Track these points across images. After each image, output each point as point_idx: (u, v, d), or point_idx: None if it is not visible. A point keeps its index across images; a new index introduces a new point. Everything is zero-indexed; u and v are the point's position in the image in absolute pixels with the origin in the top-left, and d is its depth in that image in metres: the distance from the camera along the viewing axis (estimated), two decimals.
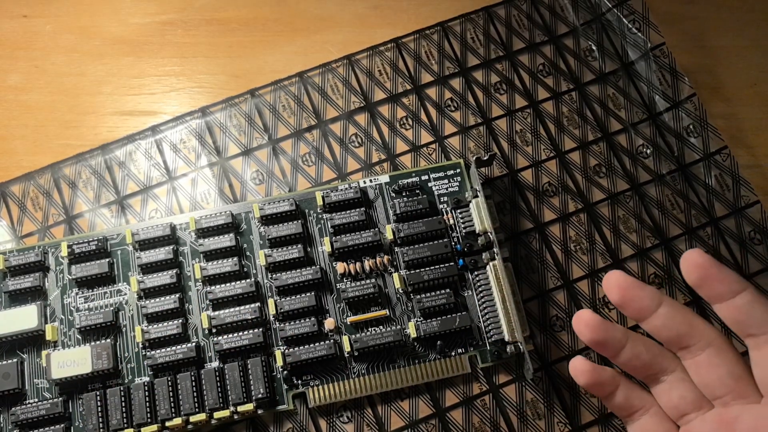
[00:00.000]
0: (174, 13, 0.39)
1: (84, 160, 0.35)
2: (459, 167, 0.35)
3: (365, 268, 0.33)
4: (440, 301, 0.32)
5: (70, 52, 0.38)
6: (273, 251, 0.32)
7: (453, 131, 0.36)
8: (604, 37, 0.38)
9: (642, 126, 0.37)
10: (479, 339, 0.32)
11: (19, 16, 0.38)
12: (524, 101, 0.37)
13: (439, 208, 0.34)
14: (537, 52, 0.38)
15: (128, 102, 0.37)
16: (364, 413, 0.32)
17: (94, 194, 0.35)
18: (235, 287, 0.32)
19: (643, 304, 0.26)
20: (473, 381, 0.32)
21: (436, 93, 0.37)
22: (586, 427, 0.32)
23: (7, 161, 0.36)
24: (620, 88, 0.37)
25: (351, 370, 0.32)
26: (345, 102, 0.37)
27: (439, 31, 0.38)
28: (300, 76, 0.37)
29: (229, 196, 0.35)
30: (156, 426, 0.30)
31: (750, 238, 0.35)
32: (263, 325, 0.32)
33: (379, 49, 0.37)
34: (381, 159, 0.36)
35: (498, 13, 0.38)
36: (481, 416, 0.32)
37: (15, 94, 0.37)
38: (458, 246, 0.33)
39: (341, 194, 0.33)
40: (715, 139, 0.36)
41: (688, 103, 0.37)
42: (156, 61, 0.38)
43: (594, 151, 0.36)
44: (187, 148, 0.36)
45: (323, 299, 0.32)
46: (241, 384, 0.31)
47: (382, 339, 0.31)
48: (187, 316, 0.32)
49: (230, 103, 0.36)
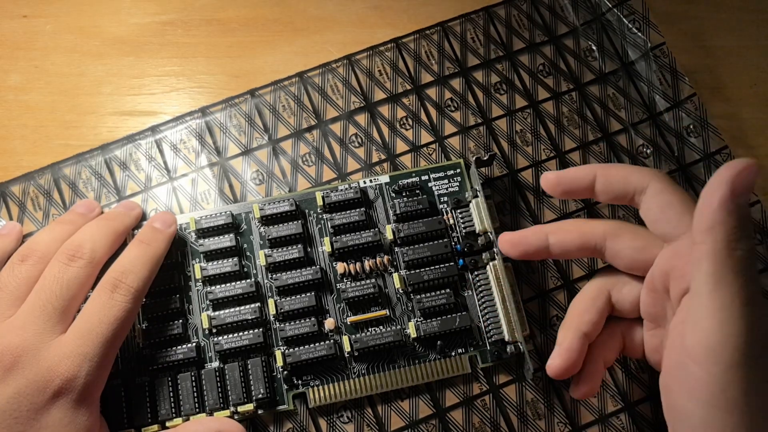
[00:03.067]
0: (174, 13, 0.39)
1: (84, 160, 0.35)
2: (459, 167, 0.35)
3: (365, 268, 0.33)
4: (440, 301, 0.32)
5: (70, 52, 0.38)
6: (273, 251, 0.32)
7: (453, 131, 0.36)
8: (604, 37, 0.38)
9: (642, 126, 0.37)
10: (479, 339, 0.32)
11: (19, 16, 0.38)
12: (524, 101, 0.37)
13: (439, 208, 0.34)
14: (537, 52, 0.38)
15: (128, 102, 0.37)
16: (364, 413, 0.32)
17: (94, 194, 0.35)
18: (236, 287, 0.32)
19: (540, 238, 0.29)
20: (473, 381, 0.32)
21: (436, 93, 0.37)
22: (586, 427, 0.32)
23: (7, 161, 0.36)
24: (620, 88, 0.37)
25: (351, 370, 0.32)
26: (345, 102, 0.37)
27: (439, 31, 0.38)
28: (300, 76, 0.37)
29: (229, 196, 0.35)
30: (156, 426, 0.30)
31: None
32: (263, 326, 0.32)
33: (379, 49, 0.37)
34: (381, 159, 0.36)
35: (498, 13, 0.38)
36: (481, 416, 0.32)
37: (15, 94, 0.37)
38: (458, 246, 0.33)
39: (341, 194, 0.33)
40: (716, 139, 0.36)
41: (689, 103, 0.37)
42: (156, 61, 0.38)
43: (594, 151, 0.36)
44: (187, 148, 0.36)
45: (323, 299, 0.32)
46: (241, 384, 0.31)
47: (382, 339, 0.31)
48: (187, 316, 0.32)
49: (230, 103, 0.36)
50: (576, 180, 0.29)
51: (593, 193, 0.29)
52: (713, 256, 0.23)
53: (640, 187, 0.27)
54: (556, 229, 0.29)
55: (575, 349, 0.28)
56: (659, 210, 0.26)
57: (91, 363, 0.27)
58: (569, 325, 0.29)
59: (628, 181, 0.27)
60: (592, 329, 0.29)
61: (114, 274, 0.29)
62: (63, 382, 0.26)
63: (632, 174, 0.27)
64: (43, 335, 0.27)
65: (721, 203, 0.23)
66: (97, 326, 0.27)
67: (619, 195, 0.28)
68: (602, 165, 0.29)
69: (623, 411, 0.32)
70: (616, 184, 0.28)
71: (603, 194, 0.28)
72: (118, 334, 0.28)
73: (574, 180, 0.29)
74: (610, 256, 0.29)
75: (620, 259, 0.28)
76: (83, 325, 0.27)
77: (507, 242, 0.30)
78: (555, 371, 0.28)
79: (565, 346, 0.28)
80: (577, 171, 0.29)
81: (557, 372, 0.28)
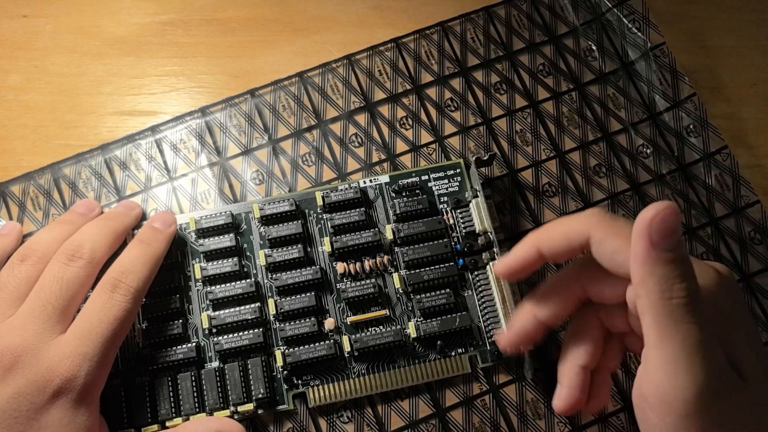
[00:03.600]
0: (174, 13, 0.39)
1: (84, 160, 0.35)
2: (459, 167, 0.35)
3: (365, 268, 0.33)
4: (440, 301, 0.32)
5: (70, 52, 0.38)
6: (273, 251, 0.32)
7: (453, 131, 0.36)
8: (604, 37, 0.38)
9: (642, 126, 0.37)
10: (479, 339, 0.32)
11: (19, 16, 0.38)
12: (524, 101, 0.37)
13: (439, 208, 0.34)
14: (537, 52, 0.38)
15: (128, 102, 0.37)
16: (364, 413, 0.32)
17: (94, 194, 0.35)
18: (236, 287, 0.32)
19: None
20: (473, 381, 0.32)
21: (436, 93, 0.37)
22: (586, 427, 0.32)
23: (7, 161, 0.36)
24: (620, 88, 0.37)
25: (351, 370, 0.32)
26: (345, 102, 0.37)
27: (439, 31, 0.38)
28: (300, 76, 0.37)
29: (229, 196, 0.35)
30: (156, 426, 0.30)
31: (750, 238, 0.35)
32: (263, 325, 0.32)
33: (379, 49, 0.37)
34: (381, 159, 0.36)
35: (498, 13, 0.38)
36: (481, 416, 0.32)
37: (15, 94, 0.37)
38: (458, 246, 0.33)
39: (341, 194, 0.33)
40: (715, 138, 0.36)
41: (688, 102, 0.37)
42: (156, 61, 0.38)
43: (594, 151, 0.36)
44: (187, 148, 0.36)
45: (323, 299, 0.32)
46: (241, 384, 0.31)
47: (382, 339, 0.31)
48: (187, 316, 0.32)
49: (230, 103, 0.36)
50: (523, 260, 0.28)
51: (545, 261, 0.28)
52: (651, 310, 0.22)
53: (583, 240, 0.26)
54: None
55: (576, 386, 0.27)
56: (608, 259, 0.25)
57: (91, 363, 0.27)
58: (565, 360, 0.28)
59: (570, 239, 0.26)
60: (590, 359, 0.28)
61: (114, 274, 0.29)
62: (63, 382, 0.26)
63: (570, 230, 0.26)
64: (42, 335, 0.27)
65: (645, 256, 0.22)
66: (96, 326, 0.27)
67: (570, 252, 0.27)
68: (538, 233, 0.27)
69: (623, 411, 0.32)
70: (560, 247, 0.26)
71: (555, 259, 0.27)
72: (117, 333, 0.28)
73: (522, 260, 0.28)
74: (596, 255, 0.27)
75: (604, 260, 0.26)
76: (83, 325, 0.27)
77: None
78: (561, 411, 0.28)
79: (565, 384, 0.28)
80: (519, 252, 0.28)
81: (563, 412, 0.28)
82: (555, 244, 0.27)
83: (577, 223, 0.26)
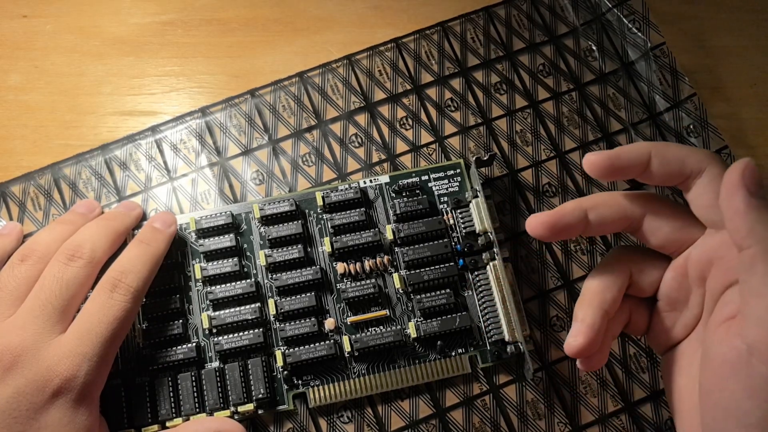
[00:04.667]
0: (174, 13, 0.39)
1: (84, 160, 0.35)
2: (459, 167, 0.35)
3: (365, 268, 0.33)
4: (440, 301, 0.32)
5: (70, 52, 0.38)
6: (273, 251, 0.32)
7: (453, 131, 0.36)
8: (604, 37, 0.38)
9: (642, 126, 0.37)
10: (479, 339, 0.32)
11: (19, 16, 0.38)
12: (524, 101, 0.37)
13: (439, 208, 0.34)
14: (537, 52, 0.38)
15: (128, 102, 0.37)
16: (365, 413, 0.32)
17: (94, 194, 0.35)
18: (236, 287, 0.32)
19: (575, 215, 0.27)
20: (473, 381, 0.32)
21: (436, 93, 0.37)
22: (586, 427, 0.32)
23: (7, 161, 0.36)
24: (620, 88, 0.37)
25: (351, 370, 0.32)
26: (345, 102, 0.37)
27: (439, 31, 0.38)
28: (300, 76, 0.37)
29: (229, 196, 0.35)
30: (156, 426, 0.30)
31: None
32: (263, 326, 0.32)
33: (379, 49, 0.37)
34: (381, 159, 0.36)
35: (498, 13, 0.38)
36: (481, 416, 0.32)
37: (15, 94, 0.37)
38: (458, 246, 0.33)
39: (341, 194, 0.33)
40: (716, 138, 0.36)
41: (689, 103, 0.37)
42: (156, 61, 0.38)
43: (594, 151, 0.36)
44: (187, 148, 0.36)
45: (323, 299, 0.32)
46: (241, 384, 0.31)
47: (382, 339, 0.31)
48: (187, 316, 0.32)
49: (230, 103, 0.36)
50: (631, 160, 0.27)
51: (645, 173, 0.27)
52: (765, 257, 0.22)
53: (696, 170, 0.26)
54: (594, 203, 0.28)
55: (597, 328, 0.26)
56: (715, 196, 0.25)
57: (91, 363, 0.27)
58: (590, 302, 0.27)
59: (684, 164, 0.26)
60: (613, 307, 0.27)
61: (113, 274, 0.29)
62: (62, 382, 0.26)
63: (690, 156, 0.26)
64: (42, 335, 0.27)
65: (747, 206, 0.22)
66: (96, 326, 0.27)
67: (674, 176, 0.26)
68: (658, 144, 0.27)
69: (623, 411, 0.32)
70: (673, 165, 0.26)
71: (657, 176, 0.27)
72: (117, 333, 0.28)
73: (630, 160, 0.27)
74: (646, 231, 0.27)
75: (655, 237, 0.27)
76: (83, 324, 0.27)
77: (541, 225, 0.27)
78: (576, 350, 0.26)
79: (588, 322, 0.27)
80: (632, 150, 0.27)
81: (579, 351, 0.26)
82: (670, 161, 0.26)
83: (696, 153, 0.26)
